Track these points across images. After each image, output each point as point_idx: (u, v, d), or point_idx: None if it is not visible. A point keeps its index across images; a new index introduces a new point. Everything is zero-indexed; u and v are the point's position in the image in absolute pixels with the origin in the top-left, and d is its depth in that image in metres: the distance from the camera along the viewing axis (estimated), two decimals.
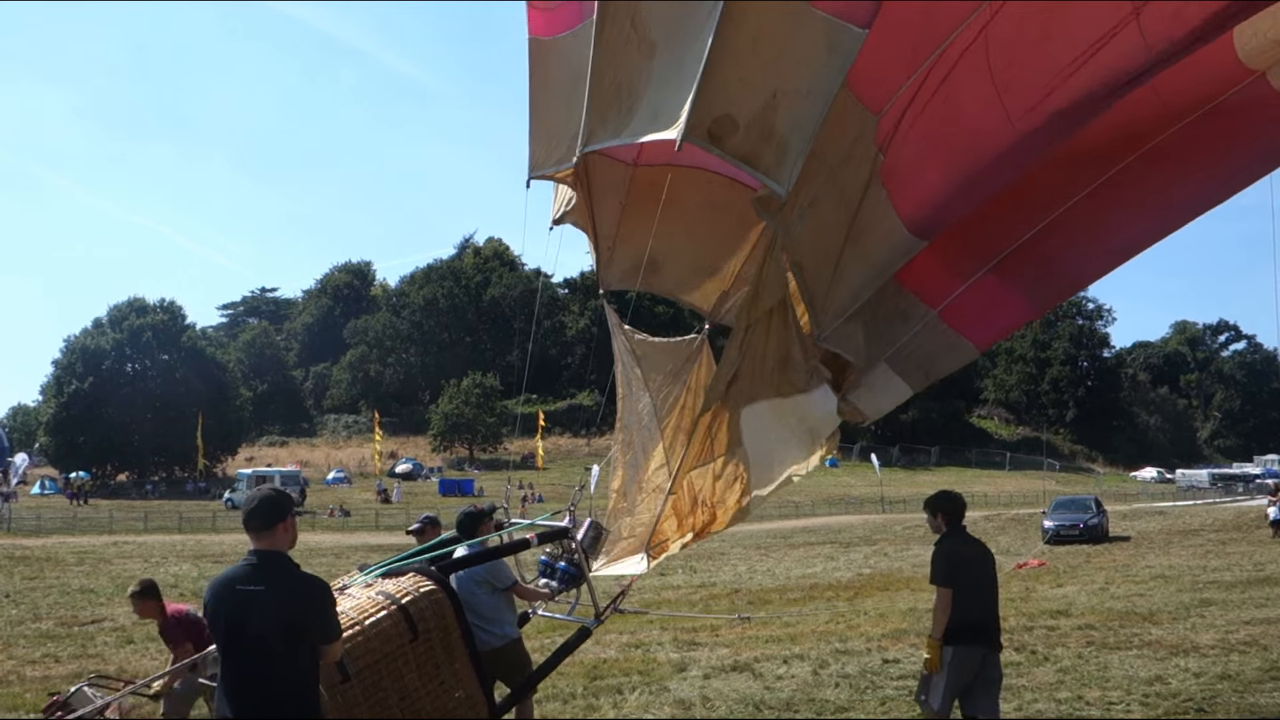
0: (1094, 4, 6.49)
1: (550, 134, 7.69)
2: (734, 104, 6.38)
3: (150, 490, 76.32)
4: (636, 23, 6.80)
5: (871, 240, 7.33)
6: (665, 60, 6.68)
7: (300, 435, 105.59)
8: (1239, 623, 14.04)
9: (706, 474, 8.01)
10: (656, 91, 6.72)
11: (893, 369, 8.51)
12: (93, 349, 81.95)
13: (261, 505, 4.77)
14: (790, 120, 6.43)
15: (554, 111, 7.63)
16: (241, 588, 4.59)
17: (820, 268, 7.29)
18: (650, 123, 6.65)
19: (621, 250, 8.86)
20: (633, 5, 6.84)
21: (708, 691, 10.41)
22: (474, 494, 70.89)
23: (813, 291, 7.31)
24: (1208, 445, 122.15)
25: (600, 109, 7.01)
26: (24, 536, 43.38)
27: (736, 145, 6.41)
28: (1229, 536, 31.85)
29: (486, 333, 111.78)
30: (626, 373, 9.04)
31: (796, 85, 6.42)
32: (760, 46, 6.39)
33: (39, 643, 14.77)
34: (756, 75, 6.45)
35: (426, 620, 6.47)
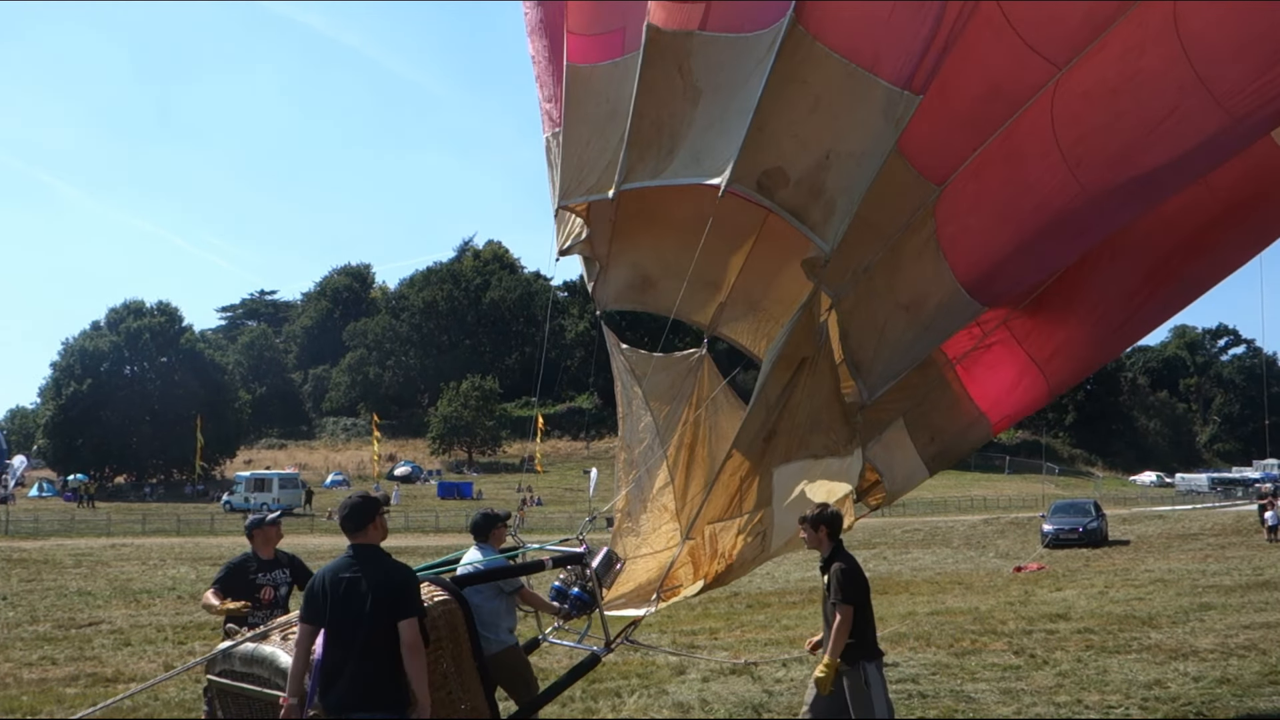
0: (1164, 78, 6.61)
1: (581, 164, 7.72)
2: (786, 158, 6.60)
3: (148, 493, 76.27)
4: (684, 69, 6.93)
5: (931, 309, 7.47)
6: (709, 107, 6.84)
7: (299, 438, 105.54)
8: (1238, 627, 14.03)
9: (731, 528, 8.08)
10: (699, 136, 6.87)
11: (906, 426, 8.70)
12: (91, 351, 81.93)
13: (354, 510, 5.63)
14: (841, 181, 6.62)
15: (586, 141, 7.67)
16: (342, 575, 5.39)
17: (869, 335, 7.44)
18: (692, 166, 6.83)
19: (615, 269, 8.88)
20: (681, 51, 6.96)
21: (706, 694, 10.39)
22: (473, 497, 70.86)
23: (858, 356, 7.45)
24: (1207, 449, 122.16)
25: (640, 147, 7.13)
26: (22, 539, 43.31)
27: (786, 198, 6.65)
28: (1228, 541, 31.83)
29: (486, 335, 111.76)
30: (626, 392, 9.01)
31: (851, 148, 6.62)
32: (820, 109, 6.61)
33: (36, 645, 14.74)
34: (812, 135, 6.67)
35: (439, 629, 6.51)
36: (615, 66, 7.43)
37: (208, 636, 15.18)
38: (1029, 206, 7.17)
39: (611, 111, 7.45)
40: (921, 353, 7.73)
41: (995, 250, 7.36)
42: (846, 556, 6.87)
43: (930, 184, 6.91)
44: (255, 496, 63.66)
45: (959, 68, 6.63)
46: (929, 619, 15.84)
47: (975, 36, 6.56)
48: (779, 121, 6.57)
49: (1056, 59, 6.60)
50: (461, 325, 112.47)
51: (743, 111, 6.61)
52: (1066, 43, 6.61)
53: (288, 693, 5.54)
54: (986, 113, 6.85)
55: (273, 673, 6.07)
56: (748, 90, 6.62)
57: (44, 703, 10.46)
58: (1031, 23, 6.57)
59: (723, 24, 6.84)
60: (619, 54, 7.41)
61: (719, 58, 6.86)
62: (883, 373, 7.67)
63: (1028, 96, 6.73)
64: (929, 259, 7.20)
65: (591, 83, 7.57)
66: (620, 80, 7.37)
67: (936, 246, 7.16)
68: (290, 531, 53.14)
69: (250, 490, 64.64)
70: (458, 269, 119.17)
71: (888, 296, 7.28)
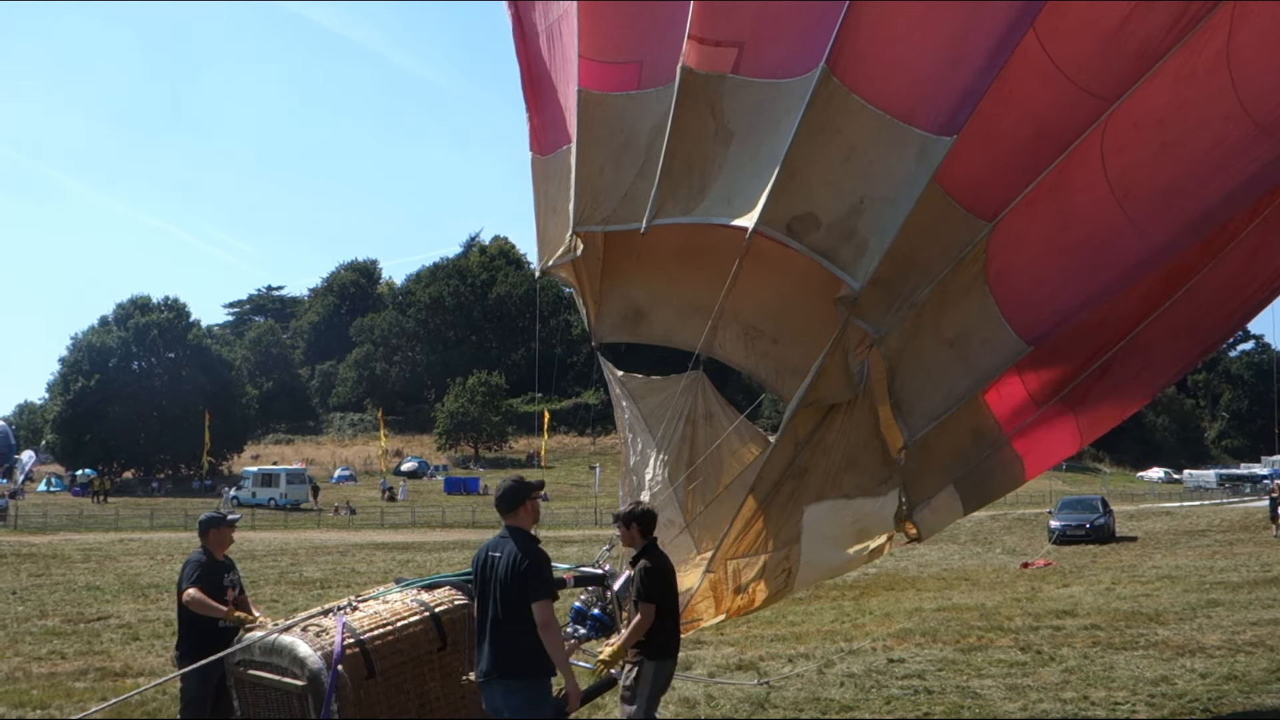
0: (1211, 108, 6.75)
1: (595, 191, 7.76)
2: (818, 204, 6.73)
3: (156, 488, 76.43)
4: (716, 111, 7.06)
5: (976, 346, 7.51)
6: (741, 149, 6.97)
7: (306, 433, 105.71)
8: (1246, 623, 14.00)
9: (756, 564, 8.12)
10: (730, 177, 7.00)
11: (957, 491, 8.79)
12: (99, 347, 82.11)
13: (506, 493, 6.07)
14: (874, 224, 6.73)
15: (600, 168, 7.71)
16: (490, 553, 5.92)
17: (914, 373, 7.49)
18: (724, 206, 6.97)
19: (608, 304, 9.02)
20: (715, 93, 7.07)
21: (712, 689, 10.40)
22: (479, 492, 70.93)
23: (901, 395, 7.51)
24: (1215, 446, 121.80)
25: (671, 185, 7.22)
26: (30, 533, 43.48)
27: (816, 241, 6.77)
28: (1236, 537, 31.75)
29: (492, 331, 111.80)
30: (630, 420, 9.08)
31: (885, 193, 6.72)
32: (854, 158, 6.74)
33: (45, 639, 14.80)
34: (846, 182, 6.78)
35: (457, 631, 6.60)
36: (631, 99, 7.51)
37: None
38: (1076, 238, 7.24)
39: (626, 143, 7.53)
40: (964, 393, 7.76)
41: (1042, 284, 7.44)
42: (656, 555, 6.76)
43: (981, 220, 6.98)
44: (262, 491, 63.89)
45: (1005, 111, 6.71)
46: (935, 615, 15.84)
47: (1019, 80, 6.62)
48: (811, 169, 6.69)
49: (1107, 95, 6.66)
50: (468, 321, 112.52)
51: (773, 157, 6.71)
52: (1118, 80, 6.68)
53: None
54: (1036, 153, 6.91)
55: (291, 662, 6.12)
56: (778, 135, 6.72)
57: (53, 697, 10.51)
58: (1080, 64, 6.62)
59: (756, 69, 6.95)
60: (634, 87, 7.50)
61: (751, 101, 6.96)
62: (924, 412, 7.72)
63: (1078, 134, 6.79)
64: (976, 293, 7.26)
65: (606, 110, 7.60)
66: (636, 114, 7.46)
67: (984, 281, 7.22)
68: (297, 527, 53.15)
69: (257, 485, 64.84)
70: (464, 264, 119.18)
71: (933, 333, 7.35)
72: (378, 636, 6.27)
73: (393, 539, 41.90)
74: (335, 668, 5.94)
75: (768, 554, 8.04)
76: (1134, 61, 6.60)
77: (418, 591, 6.94)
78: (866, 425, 7.84)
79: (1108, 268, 7.38)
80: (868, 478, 7.94)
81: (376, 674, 6.16)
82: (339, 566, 27.58)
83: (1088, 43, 6.60)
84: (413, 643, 6.39)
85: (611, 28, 7.62)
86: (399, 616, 6.51)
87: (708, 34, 6.98)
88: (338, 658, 5.98)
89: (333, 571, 25.94)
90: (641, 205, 7.32)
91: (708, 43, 7.00)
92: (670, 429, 8.62)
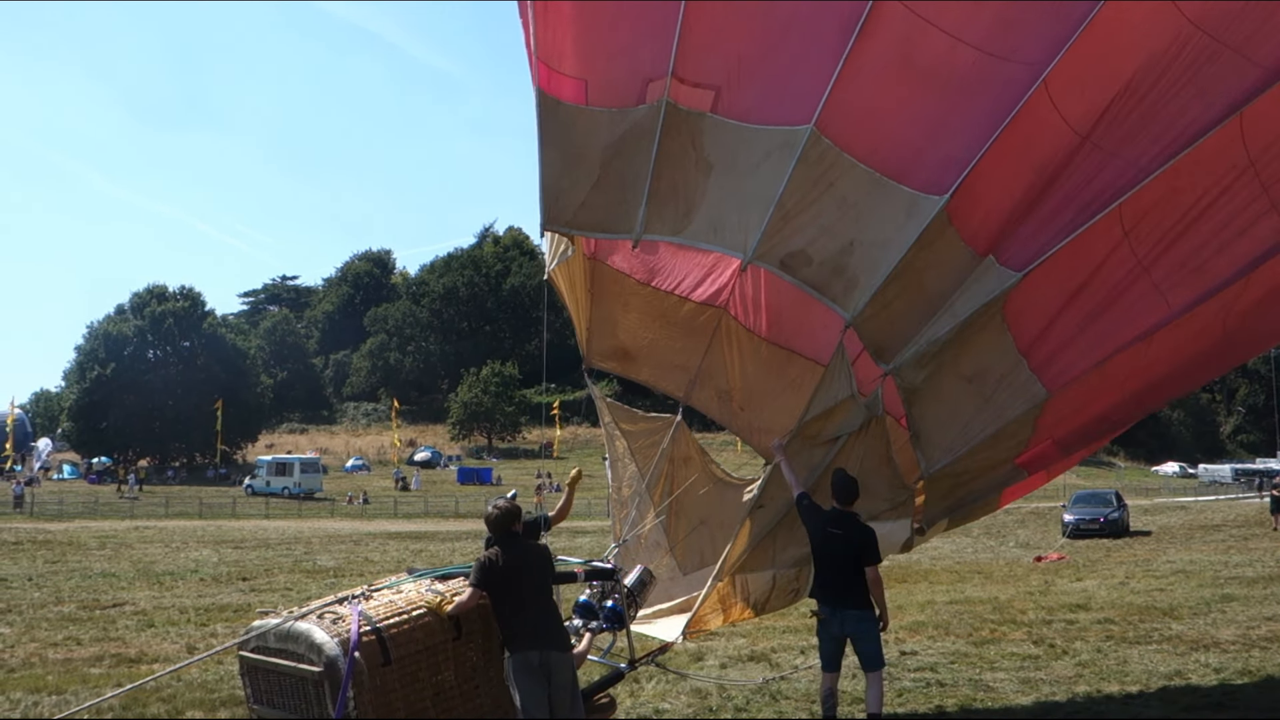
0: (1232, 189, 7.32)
1: (558, 192, 8.14)
2: (811, 243, 7.37)
3: (171, 476, 76.85)
4: (696, 144, 7.61)
5: (991, 380, 7.96)
6: (722, 181, 7.57)
7: (320, 423, 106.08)
8: (1260, 619, 13.94)
9: (765, 579, 8.42)
10: (714, 207, 7.60)
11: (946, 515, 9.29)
12: (115, 335, 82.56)
13: (845, 486, 7.64)
14: (864, 264, 7.36)
15: (560, 172, 8.09)
16: (830, 529, 7.63)
17: (931, 405, 7.91)
18: (710, 234, 7.62)
19: (598, 335, 9.53)
20: (695, 128, 7.62)
21: (724, 680, 10.40)
22: (492, 482, 71.07)
23: (919, 426, 7.94)
24: (1230, 440, 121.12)
25: (658, 205, 7.79)
26: (46, 520, 43.80)
27: (809, 275, 7.41)
28: (1251, 532, 31.58)
29: (506, 322, 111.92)
30: (612, 444, 9.83)
31: (874, 238, 7.33)
32: (846, 208, 7.33)
33: (61, 625, 14.90)
34: (838, 226, 7.40)
35: (472, 622, 6.62)
36: (581, 112, 7.94)
37: (230, 619, 15.32)
38: (1094, 283, 7.69)
39: (579, 154, 8.00)
40: (979, 430, 8.10)
41: (1059, 324, 7.85)
42: (492, 550, 6.68)
43: (1010, 271, 7.50)
44: (276, 480, 64.19)
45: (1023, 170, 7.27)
46: (948, 608, 15.80)
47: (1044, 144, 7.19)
48: (805, 215, 7.33)
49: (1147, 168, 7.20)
50: (482, 311, 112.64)
51: (763, 199, 7.35)
52: (1157, 157, 7.19)
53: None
54: (1070, 219, 7.42)
55: (308, 648, 6.15)
56: (762, 176, 7.37)
57: (69, 682, 10.58)
58: (1117, 143, 7.15)
59: (731, 111, 7.51)
60: (583, 102, 7.91)
61: (729, 139, 7.56)
62: (941, 444, 8.10)
63: (1114, 200, 7.32)
64: (994, 330, 7.73)
65: (560, 116, 8.03)
66: (588, 129, 7.92)
67: (1002, 319, 7.68)
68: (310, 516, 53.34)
69: (271, 474, 65.12)
70: (478, 255, 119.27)
71: (952, 368, 7.80)
72: (394, 625, 6.29)
73: (406, 528, 42.06)
74: (353, 654, 5.96)
75: (776, 570, 8.42)
76: (1173, 143, 7.13)
77: (431, 582, 6.96)
78: (878, 451, 8.17)
79: (1127, 320, 7.84)
80: (879, 502, 8.34)
81: (392, 662, 6.18)
82: (353, 555, 27.69)
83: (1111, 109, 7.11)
84: (428, 632, 6.41)
85: (560, 38, 7.96)
86: (414, 605, 6.53)
87: (687, 75, 7.54)
88: (355, 644, 6.01)
89: (346, 560, 26.04)
90: (604, 216, 7.87)
91: (688, 83, 7.55)
92: (653, 466, 9.53)
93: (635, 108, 7.73)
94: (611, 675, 8.20)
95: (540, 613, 6.62)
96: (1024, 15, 6.86)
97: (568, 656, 6.74)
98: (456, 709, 6.44)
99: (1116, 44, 6.86)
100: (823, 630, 7.91)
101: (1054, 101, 6.97)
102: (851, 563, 7.68)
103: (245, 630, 6.75)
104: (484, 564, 6.58)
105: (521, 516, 6.99)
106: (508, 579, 6.56)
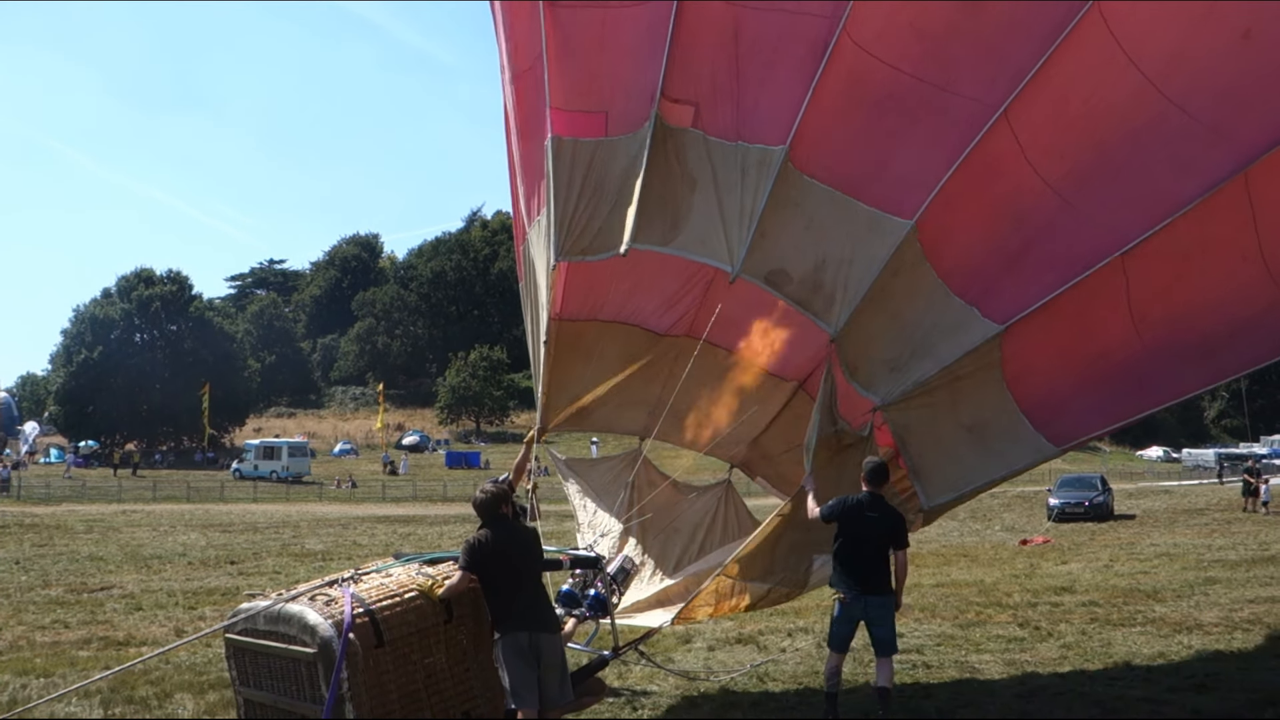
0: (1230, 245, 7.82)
1: (573, 226, 8.50)
2: (788, 262, 7.88)
3: (158, 460, 76.59)
4: (680, 159, 8.04)
5: (996, 436, 8.36)
6: (706, 198, 7.98)
7: (308, 406, 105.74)
8: (1243, 601, 14.07)
9: (763, 589, 8.64)
10: (700, 222, 7.99)
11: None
12: (101, 319, 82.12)
13: (878, 470, 7.80)
14: (838, 280, 7.87)
15: (576, 207, 8.45)
16: (867, 514, 7.72)
17: (930, 447, 8.30)
18: (699, 246, 8.03)
19: (555, 397, 9.96)
20: (679, 143, 8.06)
21: (712, 663, 10.47)
22: (480, 466, 71.03)
23: (918, 463, 8.33)
24: (1215, 425, 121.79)
25: (647, 216, 8.11)
26: (33, 504, 43.66)
27: (791, 292, 7.90)
28: (1234, 516, 31.84)
29: (494, 306, 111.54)
30: (579, 490, 10.49)
31: (840, 255, 7.86)
32: (812, 228, 7.87)
33: (48, 609, 14.89)
34: (808, 245, 7.92)
35: (462, 605, 6.65)
36: (600, 145, 8.39)
37: (218, 602, 15.33)
38: (1091, 353, 8.23)
39: (598, 184, 8.37)
40: (983, 475, 8.56)
41: (1060, 391, 8.36)
42: (481, 532, 6.70)
43: (992, 323, 8.00)
44: (264, 464, 64.06)
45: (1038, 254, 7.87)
46: (934, 591, 15.90)
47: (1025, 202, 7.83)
48: (779, 233, 7.85)
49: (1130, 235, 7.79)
50: (470, 295, 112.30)
51: (745, 216, 7.84)
52: (1140, 226, 7.76)
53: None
54: (1051, 279, 7.93)
55: (300, 630, 6.16)
56: (741, 194, 7.86)
57: (57, 665, 10.58)
58: (1106, 213, 7.74)
59: (712, 127, 8.00)
60: (602, 134, 8.37)
61: (709, 154, 8.00)
62: (942, 483, 8.48)
63: (1097, 262, 7.83)
64: (991, 388, 8.20)
65: (576, 154, 8.42)
66: (606, 158, 8.35)
67: (1000, 379, 8.17)
68: (298, 499, 53.23)
69: (259, 458, 64.96)
70: (466, 239, 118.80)
71: (949, 414, 8.18)
72: (386, 607, 6.32)
73: (394, 512, 42.06)
74: (346, 635, 5.99)
75: (773, 585, 8.65)
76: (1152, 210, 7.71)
77: (420, 565, 6.98)
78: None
79: (1129, 390, 8.36)
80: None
81: (385, 644, 6.20)
82: (340, 539, 27.69)
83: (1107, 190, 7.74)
84: (419, 614, 6.44)
85: (580, 80, 8.47)
86: (405, 588, 6.55)
87: (670, 91, 8.02)
88: (348, 625, 6.03)
89: (334, 544, 26.05)
90: (617, 236, 8.15)
91: (669, 98, 8.03)
92: (616, 495, 10.16)
93: (641, 129, 8.19)
94: (596, 662, 8.29)
95: (529, 595, 6.67)
96: (957, 53, 7.55)
97: (557, 638, 6.79)
98: (447, 691, 6.48)
99: (1093, 112, 7.51)
100: (843, 612, 7.90)
101: (1026, 155, 7.60)
102: (882, 547, 7.80)
103: (232, 613, 6.76)
104: (473, 545, 6.61)
105: (510, 500, 7.02)
106: (497, 561, 6.59)
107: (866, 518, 7.74)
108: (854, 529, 7.79)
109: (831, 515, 7.80)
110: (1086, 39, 7.22)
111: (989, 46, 7.46)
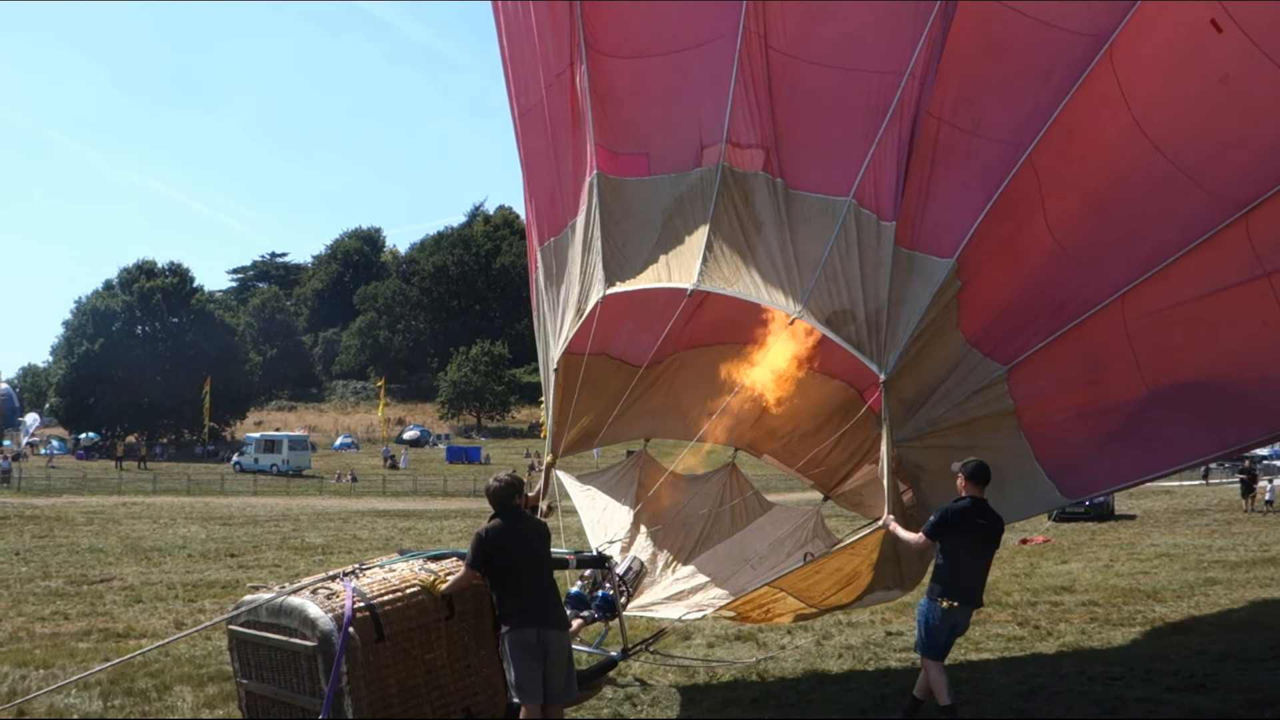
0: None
1: (623, 259, 8.84)
2: (853, 305, 8.07)
3: (159, 452, 76.63)
4: (749, 202, 8.35)
5: (1010, 478, 8.42)
6: (769, 241, 8.23)
7: (309, 400, 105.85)
8: (1243, 601, 14.06)
9: (792, 605, 8.78)
10: (765, 263, 8.24)
11: None
12: (103, 311, 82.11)
13: (981, 469, 7.54)
14: (892, 324, 8.02)
15: (623, 241, 8.85)
16: (978, 520, 7.48)
17: (942, 483, 8.23)
18: (762, 290, 8.20)
19: (565, 427, 10.07)
20: (747, 186, 8.32)
21: (712, 658, 10.46)
22: (481, 461, 71.07)
23: (932, 501, 8.29)
24: None
25: (715, 262, 8.32)
26: (34, 496, 43.70)
27: (850, 334, 8.05)
28: (1234, 516, 31.80)
29: (496, 301, 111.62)
30: (588, 494, 10.75)
31: (899, 299, 8.07)
32: (880, 271, 7.99)
33: (48, 600, 14.90)
34: (871, 288, 8.03)
35: (464, 602, 6.66)
36: (643, 184, 8.78)
37: (218, 595, 15.34)
38: (1105, 408, 8.47)
39: (643, 221, 8.73)
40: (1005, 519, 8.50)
41: (1076, 444, 8.58)
42: (493, 523, 6.64)
43: (995, 363, 8.32)
44: (265, 457, 64.09)
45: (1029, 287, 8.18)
46: None
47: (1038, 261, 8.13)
48: (849, 275, 8.00)
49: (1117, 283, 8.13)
50: (471, 290, 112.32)
51: (807, 259, 8.07)
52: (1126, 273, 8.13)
53: None
54: (1045, 322, 8.22)
55: (301, 623, 6.17)
56: (807, 240, 8.10)
57: (56, 657, 10.58)
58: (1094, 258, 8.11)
59: (780, 172, 8.29)
60: (645, 173, 8.74)
61: (775, 199, 8.24)
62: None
63: (1089, 308, 8.15)
64: (1006, 432, 8.46)
65: (621, 192, 8.86)
66: (649, 197, 8.73)
67: (1017, 425, 8.42)
68: (299, 493, 53.25)
69: (260, 451, 64.97)
70: (468, 234, 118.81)
71: (966, 456, 8.10)
72: (387, 601, 6.34)
73: (394, 506, 42.09)
74: (346, 628, 5.99)
75: (801, 607, 8.85)
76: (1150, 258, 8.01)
77: (424, 561, 6.98)
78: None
79: (1141, 449, 8.56)
80: (897, 571, 8.72)
81: (385, 638, 6.21)
82: (341, 533, 27.71)
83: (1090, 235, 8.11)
84: (421, 610, 6.45)
85: (620, 123, 8.87)
86: (407, 583, 6.56)
87: (738, 138, 8.34)
88: (349, 619, 6.04)
89: (335, 538, 26.06)
90: (664, 271, 8.49)
91: (739, 145, 8.34)
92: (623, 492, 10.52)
93: (691, 171, 8.56)
94: (604, 663, 8.27)
95: (539, 589, 6.59)
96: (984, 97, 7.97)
97: (565, 635, 6.76)
98: (448, 687, 6.49)
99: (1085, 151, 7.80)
100: (945, 619, 7.55)
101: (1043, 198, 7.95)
102: (992, 555, 7.74)
103: (234, 605, 6.76)
104: (483, 536, 6.55)
105: (523, 490, 6.97)
106: (507, 552, 6.54)
107: (978, 524, 7.52)
108: (970, 539, 7.54)
109: (949, 526, 7.49)
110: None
111: (1009, 92, 7.88)
